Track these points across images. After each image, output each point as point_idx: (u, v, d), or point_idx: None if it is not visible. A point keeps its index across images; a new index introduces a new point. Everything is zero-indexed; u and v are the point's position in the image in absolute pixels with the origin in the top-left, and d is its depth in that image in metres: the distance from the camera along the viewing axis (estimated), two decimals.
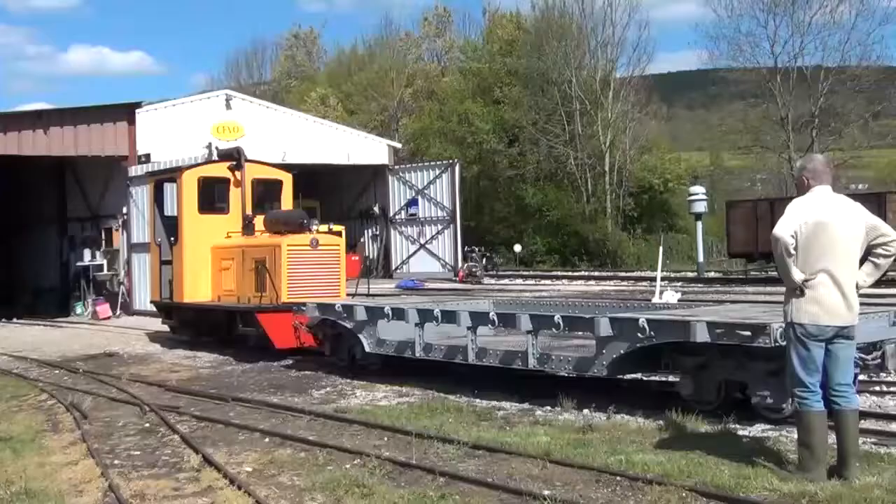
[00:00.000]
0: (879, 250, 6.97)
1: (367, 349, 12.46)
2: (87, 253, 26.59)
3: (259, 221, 16.10)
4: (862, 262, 7.01)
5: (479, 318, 11.26)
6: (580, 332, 10.41)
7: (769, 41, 47.88)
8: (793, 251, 6.84)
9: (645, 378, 11.33)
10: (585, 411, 9.61)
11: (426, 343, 11.73)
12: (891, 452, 7.54)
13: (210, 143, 23.86)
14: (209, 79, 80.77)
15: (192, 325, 17.02)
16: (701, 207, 36.47)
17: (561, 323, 10.10)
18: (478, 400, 10.79)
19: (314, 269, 14.81)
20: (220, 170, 16.63)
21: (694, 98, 71.81)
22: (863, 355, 8.21)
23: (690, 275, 33.55)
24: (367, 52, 67.34)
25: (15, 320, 25.33)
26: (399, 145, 41.67)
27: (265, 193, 17.27)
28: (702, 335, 8.55)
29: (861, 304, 7.17)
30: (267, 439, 9.15)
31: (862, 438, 7.53)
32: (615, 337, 9.45)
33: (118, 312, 24.81)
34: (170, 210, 17.28)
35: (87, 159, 25.65)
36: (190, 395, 12.14)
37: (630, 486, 6.82)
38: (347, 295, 15.51)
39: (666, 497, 6.42)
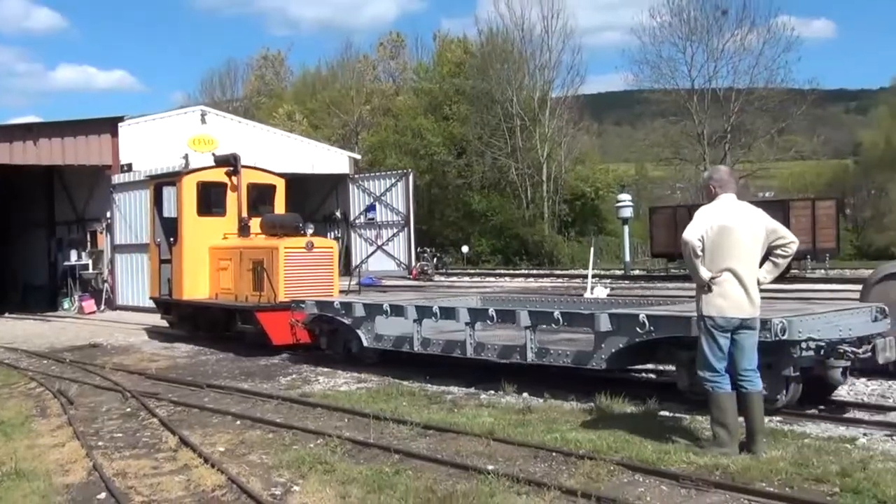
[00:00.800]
0: (779, 251, 7.15)
1: (366, 344, 11.94)
2: (73, 253, 26.18)
3: (255, 224, 15.62)
4: (764, 261, 7.16)
5: (477, 315, 10.68)
6: (580, 328, 9.85)
7: (687, 65, 48.57)
8: (700, 252, 6.99)
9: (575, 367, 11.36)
10: (525, 395, 9.67)
11: (424, 338, 11.19)
12: (794, 429, 7.67)
13: (186, 155, 23.56)
14: (186, 96, 79.55)
15: (189, 321, 16.36)
16: (627, 213, 36.82)
17: (560, 318, 9.66)
18: (429, 385, 10.79)
19: (309, 270, 14.34)
20: (218, 175, 16.04)
21: (621, 115, 72.37)
22: (854, 349, 7.97)
23: (618, 272, 33.86)
24: (329, 72, 66.98)
25: (7, 315, 24.85)
26: (359, 157, 41.48)
27: (259, 197, 16.69)
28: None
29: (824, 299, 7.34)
30: (238, 422, 9.07)
31: (768, 418, 7.65)
32: (614, 332, 8.97)
33: (102, 307, 24.48)
34: (168, 212, 16.73)
35: (73, 168, 25.26)
36: (168, 383, 12.00)
37: (564, 460, 6.87)
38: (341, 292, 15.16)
39: (596, 470, 6.45)
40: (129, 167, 25.36)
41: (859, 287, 11.69)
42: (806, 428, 7.80)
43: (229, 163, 16.16)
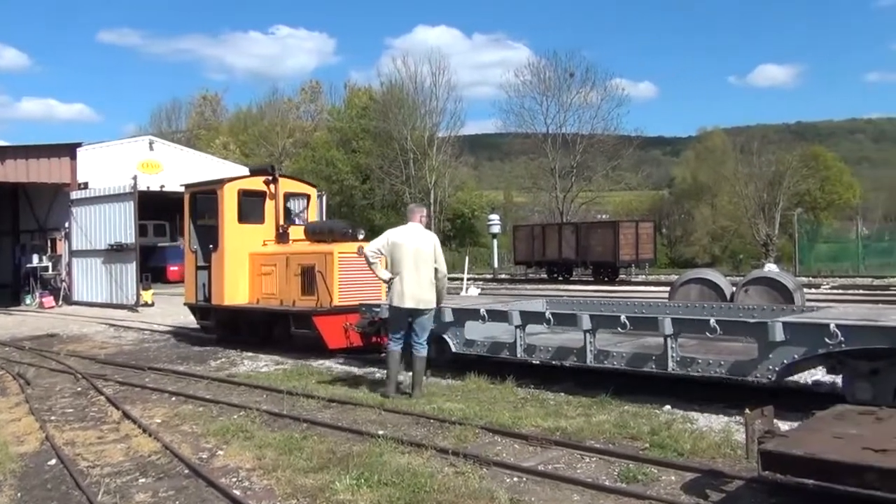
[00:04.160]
0: (438, 274, 8.27)
1: (454, 350, 9.38)
2: (35, 257, 24.78)
3: (293, 231, 13.35)
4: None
5: (602, 322, 8.13)
6: (742, 336, 7.64)
7: (543, 115, 49.74)
8: (374, 260, 8.23)
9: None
10: (410, 374, 9.60)
11: (529, 345, 8.66)
12: (610, 400, 7.63)
13: (135, 176, 22.61)
14: (137, 127, 76.44)
15: (229, 326, 13.49)
16: (496, 229, 37.37)
17: (717, 327, 7.21)
18: (335, 366, 10.66)
19: (360, 275, 11.62)
20: (257, 183, 13.50)
21: (492, 152, 73.38)
22: None
23: (489, 276, 34.32)
24: (258, 111, 65.57)
25: None
26: None
27: (294, 205, 14.45)
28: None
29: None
30: (174, 398, 8.75)
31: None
32: (787, 342, 6.75)
33: (60, 303, 23.30)
34: (204, 220, 14.14)
35: (36, 185, 23.98)
36: (115, 366, 11.45)
37: (440, 426, 6.87)
38: None
39: (465, 433, 6.46)
40: (86, 185, 24.48)
41: (668, 288, 12.15)
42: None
43: (267, 172, 13.77)
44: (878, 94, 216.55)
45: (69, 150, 23.82)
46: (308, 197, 14.46)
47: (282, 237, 13.29)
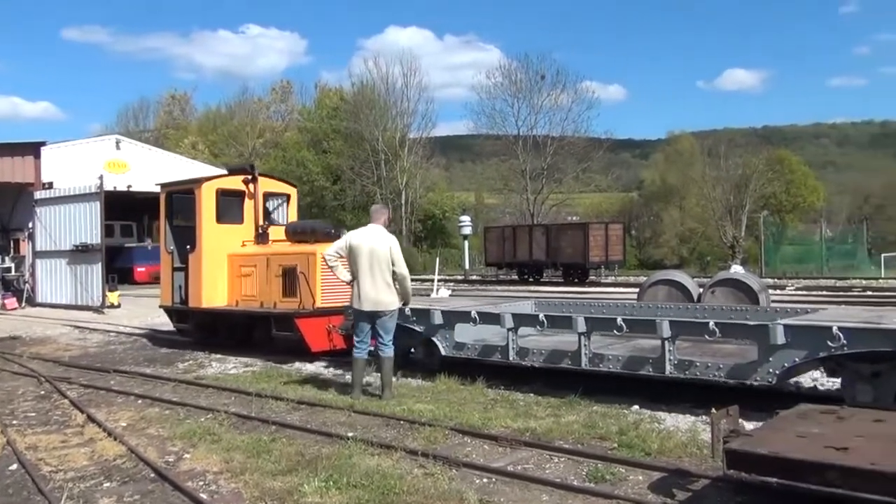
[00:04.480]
0: (396, 276, 8.17)
1: (444, 353, 9.13)
2: None
3: (273, 232, 12.96)
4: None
5: (597, 324, 7.93)
6: (742, 339, 7.51)
7: (514, 117, 50.03)
8: (333, 262, 8.25)
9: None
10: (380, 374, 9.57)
11: (521, 347, 8.41)
12: (579, 401, 7.65)
13: (101, 176, 22.22)
14: (103, 126, 75.12)
15: (207, 329, 13.06)
16: (467, 230, 37.48)
17: (716, 330, 7.05)
18: (305, 366, 10.59)
19: None
20: (236, 183, 13.07)
21: (464, 154, 73.46)
22: None
23: (460, 277, 34.32)
24: (228, 111, 64.94)
25: None
26: None
27: (278, 206, 14.06)
28: None
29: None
30: (140, 401, 8.60)
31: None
32: (788, 345, 6.64)
33: (23, 304, 22.81)
34: (180, 220, 13.58)
35: None
36: (79, 369, 11.22)
37: (410, 427, 6.84)
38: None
39: (434, 435, 6.46)
40: (51, 185, 24.00)
41: (637, 290, 12.26)
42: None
43: (246, 171, 13.35)
44: (841, 98, 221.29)
45: (33, 149, 23.40)
46: (288, 197, 14.10)
47: (261, 238, 12.95)
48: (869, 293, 21.05)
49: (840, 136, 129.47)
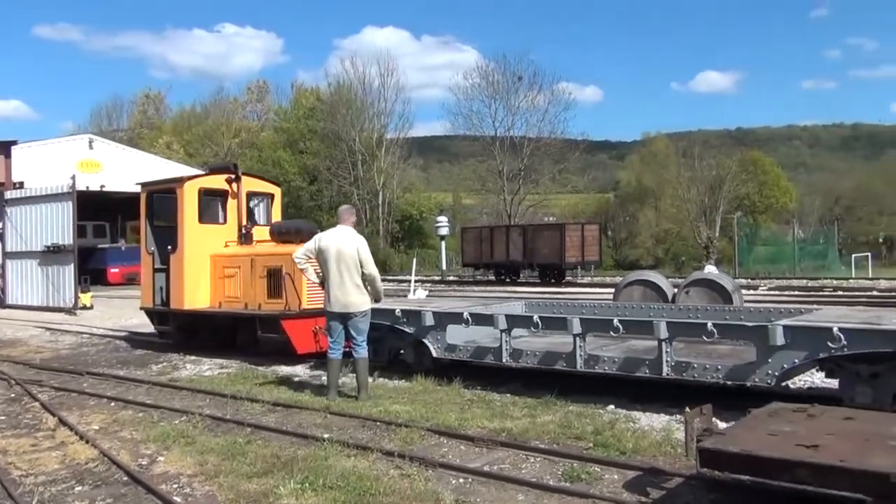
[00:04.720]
0: (366, 277, 8.21)
1: (435, 354, 8.96)
2: None
3: (257, 232, 12.64)
4: None
5: (592, 325, 7.82)
6: (741, 340, 7.38)
7: (491, 118, 50.20)
8: (303, 264, 8.34)
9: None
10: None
11: (514, 349, 8.29)
12: (555, 401, 7.68)
13: (74, 175, 21.95)
14: (76, 125, 74.14)
15: (189, 331, 12.71)
16: (444, 231, 37.49)
17: (714, 331, 6.93)
18: (281, 368, 10.53)
19: None
20: (219, 182, 12.71)
21: (441, 154, 73.56)
22: None
23: (437, 278, 34.32)
24: (203, 110, 64.43)
25: None
26: None
27: (257, 205, 13.69)
28: None
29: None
30: (113, 404, 8.49)
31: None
32: (788, 346, 6.53)
33: None
34: (161, 220, 13.15)
35: None
36: (51, 371, 11.05)
37: (386, 428, 6.82)
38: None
39: (411, 435, 6.45)
40: (21, 185, 23.70)
41: (613, 290, 12.33)
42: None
43: (229, 170, 13.03)
44: (813, 101, 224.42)
45: (3, 148, 23.15)
46: (272, 196, 13.77)
47: (245, 238, 12.63)
48: (840, 293, 21.37)
49: (811, 137, 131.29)
